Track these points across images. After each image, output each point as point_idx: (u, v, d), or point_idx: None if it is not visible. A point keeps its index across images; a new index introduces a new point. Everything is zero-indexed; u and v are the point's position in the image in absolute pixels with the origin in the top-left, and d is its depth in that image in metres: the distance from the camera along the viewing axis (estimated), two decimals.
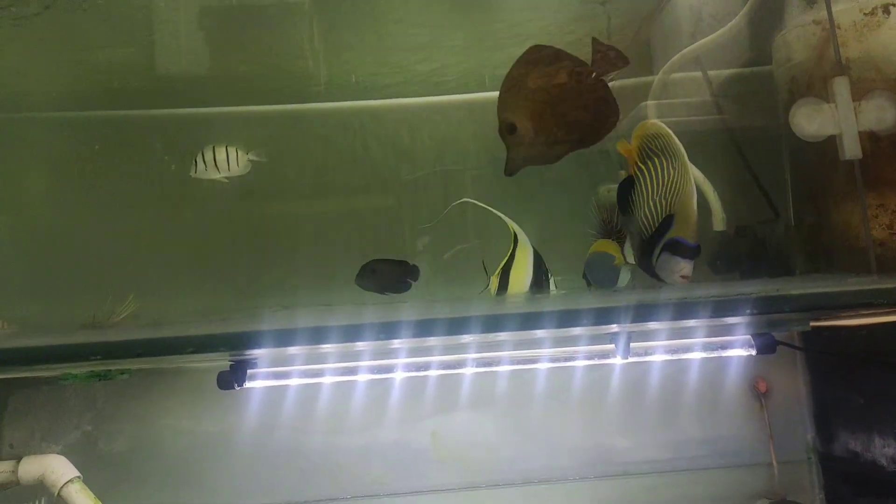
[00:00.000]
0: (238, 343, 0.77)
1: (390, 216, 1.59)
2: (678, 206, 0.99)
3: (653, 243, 0.99)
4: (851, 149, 1.01)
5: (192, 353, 0.74)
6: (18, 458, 1.30)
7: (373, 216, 1.59)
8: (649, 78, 1.45)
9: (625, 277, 1.10)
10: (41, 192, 1.44)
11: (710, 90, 1.33)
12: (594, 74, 1.00)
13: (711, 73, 1.36)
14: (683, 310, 0.88)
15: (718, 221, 1.21)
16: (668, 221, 0.99)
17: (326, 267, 1.52)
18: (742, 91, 1.37)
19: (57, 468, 1.28)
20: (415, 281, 1.20)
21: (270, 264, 1.54)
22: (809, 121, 1.02)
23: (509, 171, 1.05)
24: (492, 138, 1.52)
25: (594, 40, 1.02)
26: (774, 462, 1.50)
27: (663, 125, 1.04)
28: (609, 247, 1.14)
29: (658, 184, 1.01)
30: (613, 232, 1.35)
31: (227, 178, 1.33)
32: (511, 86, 1.04)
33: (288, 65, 1.53)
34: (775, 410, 1.55)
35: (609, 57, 1.01)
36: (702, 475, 1.54)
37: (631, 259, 1.10)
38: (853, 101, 1.02)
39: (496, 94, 1.49)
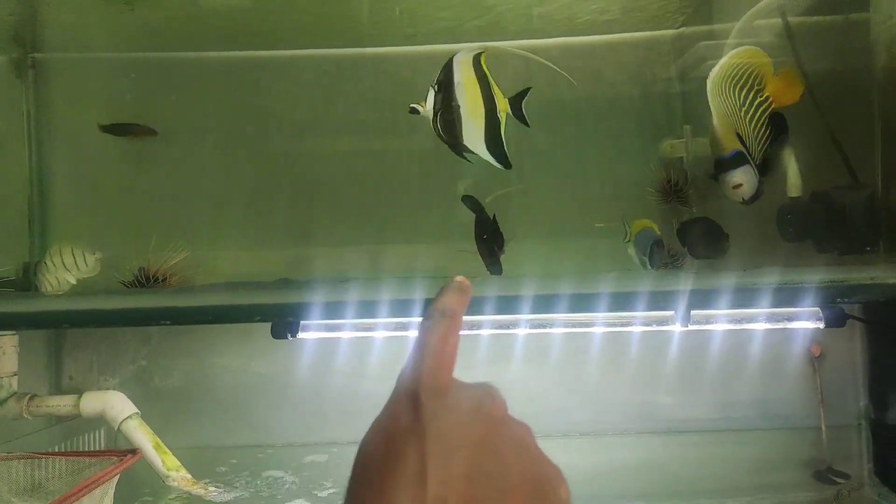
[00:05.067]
0: (305, 313, 0.76)
1: (429, 159, 1.55)
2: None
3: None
4: None
5: (259, 321, 0.74)
6: (80, 394, 1.35)
7: (413, 159, 1.55)
8: (719, 26, 1.35)
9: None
10: (95, 135, 1.42)
11: (791, 42, 1.23)
12: None
13: (795, 20, 1.26)
14: (752, 296, 0.84)
15: (793, 186, 1.14)
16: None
17: (369, 208, 1.50)
18: (829, 42, 1.26)
19: (116, 404, 1.33)
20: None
21: (317, 206, 1.52)
22: None
23: None
24: (538, 83, 1.47)
25: None
26: (823, 427, 1.47)
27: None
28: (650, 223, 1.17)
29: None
30: (674, 192, 1.29)
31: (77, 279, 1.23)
32: None
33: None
34: (828, 375, 1.52)
35: None
36: (748, 436, 1.52)
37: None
38: None
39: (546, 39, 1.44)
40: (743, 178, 1.05)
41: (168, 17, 1.38)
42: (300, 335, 1.16)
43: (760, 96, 1.07)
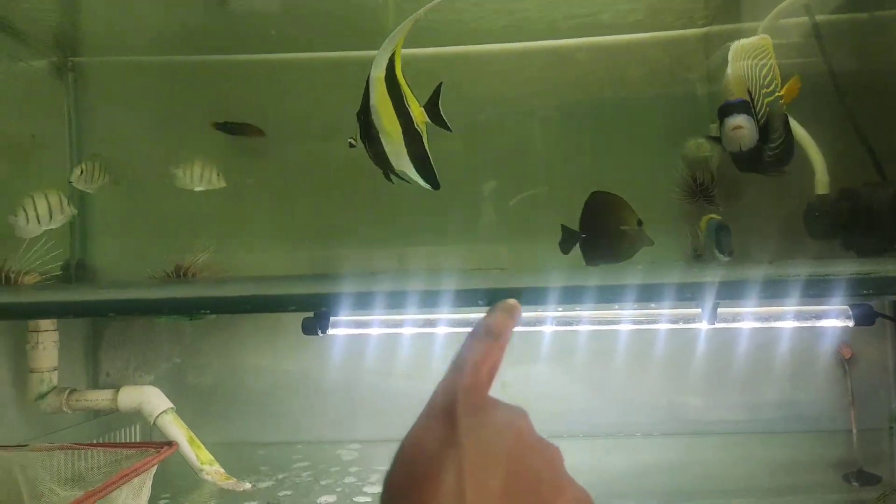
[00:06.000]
0: (339, 304, 0.78)
1: (456, 159, 1.57)
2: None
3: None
4: None
5: (294, 310, 0.76)
6: (118, 388, 1.39)
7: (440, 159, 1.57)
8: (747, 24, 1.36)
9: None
10: (132, 135, 1.47)
11: (818, 40, 1.23)
12: None
13: (821, 18, 1.26)
14: (780, 288, 0.84)
15: (821, 184, 1.14)
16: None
17: (398, 207, 1.52)
18: (855, 39, 1.26)
19: (153, 398, 1.36)
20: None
21: (342, 207, 1.55)
22: None
23: None
24: (562, 83, 1.48)
25: None
26: (854, 430, 1.46)
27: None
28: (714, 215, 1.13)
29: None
30: (701, 192, 1.29)
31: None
32: None
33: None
34: (859, 377, 1.50)
35: None
36: (776, 438, 1.51)
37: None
38: None
39: (568, 40, 1.44)
40: (745, 123, 1.04)
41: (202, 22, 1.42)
42: (330, 331, 1.18)
43: (772, 86, 1.08)
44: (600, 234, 1.09)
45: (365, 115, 0.99)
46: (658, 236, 1.18)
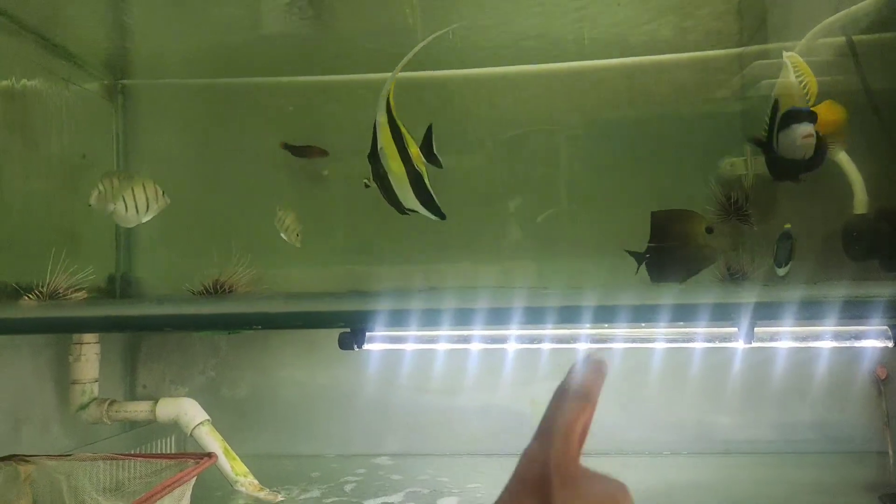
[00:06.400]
0: (384, 321, 0.80)
1: (481, 176, 1.59)
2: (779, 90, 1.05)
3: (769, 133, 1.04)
4: None
5: (342, 327, 0.78)
6: (156, 400, 1.41)
7: (465, 176, 1.59)
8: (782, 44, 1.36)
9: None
10: (176, 155, 1.52)
11: (855, 59, 1.23)
12: None
13: (858, 38, 1.26)
14: (820, 309, 0.84)
15: (860, 203, 1.14)
16: (774, 108, 1.05)
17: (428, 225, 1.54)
18: (892, 57, 1.26)
19: (189, 410, 1.39)
20: None
21: (375, 225, 1.57)
22: None
23: None
24: (587, 104, 1.50)
25: None
26: (891, 451, 1.43)
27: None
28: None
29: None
30: (735, 211, 1.29)
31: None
32: None
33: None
34: (895, 398, 1.48)
35: None
36: (809, 459, 1.50)
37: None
38: None
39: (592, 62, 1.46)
40: (814, 132, 1.02)
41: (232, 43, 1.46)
42: (366, 346, 1.20)
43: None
44: (664, 252, 1.09)
45: (374, 158, 1.06)
46: None
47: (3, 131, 1.21)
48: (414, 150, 1.06)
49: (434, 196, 1.07)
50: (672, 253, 1.10)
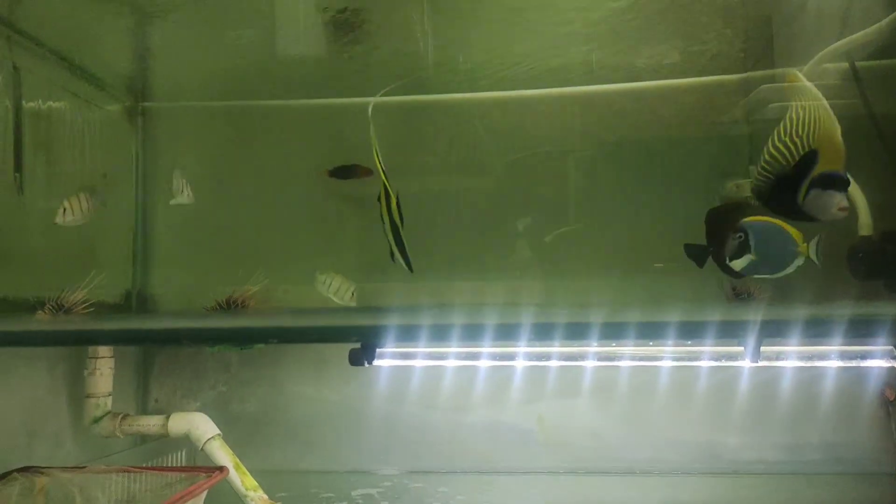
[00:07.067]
0: (398, 336, 0.82)
1: (490, 198, 1.61)
2: (820, 140, 0.91)
3: (796, 181, 0.92)
4: None
5: (356, 341, 0.80)
6: (168, 414, 1.43)
7: (473, 197, 1.61)
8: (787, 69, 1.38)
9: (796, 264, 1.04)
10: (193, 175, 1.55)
11: (859, 85, 1.26)
12: None
13: (862, 64, 1.28)
14: (825, 328, 0.85)
15: (864, 225, 1.15)
16: (811, 156, 0.91)
17: (438, 246, 1.56)
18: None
19: (201, 425, 1.40)
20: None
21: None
22: None
23: None
24: (595, 126, 1.52)
25: None
26: None
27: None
28: (782, 223, 1.04)
29: (792, 124, 0.95)
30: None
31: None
32: None
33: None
34: None
35: None
36: (817, 480, 1.50)
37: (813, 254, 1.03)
38: None
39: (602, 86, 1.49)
40: (847, 204, 0.91)
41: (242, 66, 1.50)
42: (376, 362, 1.22)
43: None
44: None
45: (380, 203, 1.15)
46: (693, 275, 1.20)
47: (29, 151, 1.24)
48: (393, 202, 1.14)
49: (406, 249, 1.15)
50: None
